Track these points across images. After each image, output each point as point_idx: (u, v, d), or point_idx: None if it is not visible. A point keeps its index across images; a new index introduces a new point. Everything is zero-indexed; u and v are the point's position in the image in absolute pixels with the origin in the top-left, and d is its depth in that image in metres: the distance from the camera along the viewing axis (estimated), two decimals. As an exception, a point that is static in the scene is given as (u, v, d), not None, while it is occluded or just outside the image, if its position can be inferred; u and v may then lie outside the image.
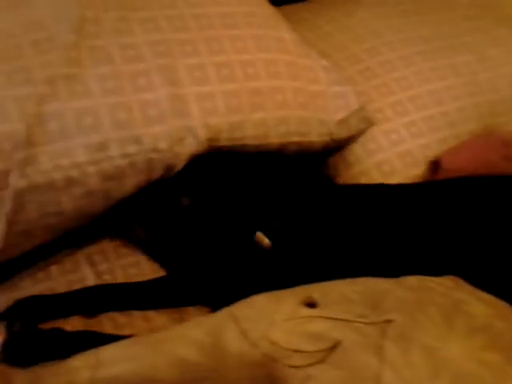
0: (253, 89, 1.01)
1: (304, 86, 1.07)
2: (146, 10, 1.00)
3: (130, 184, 0.91)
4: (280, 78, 1.04)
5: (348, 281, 0.70)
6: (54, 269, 0.94)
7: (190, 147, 0.94)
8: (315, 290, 0.66)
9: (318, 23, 1.33)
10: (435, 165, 1.14)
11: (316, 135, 1.07)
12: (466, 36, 1.29)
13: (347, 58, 1.24)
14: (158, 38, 0.97)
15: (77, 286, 0.91)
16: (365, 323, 0.62)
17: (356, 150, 1.14)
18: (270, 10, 1.13)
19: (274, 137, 1.02)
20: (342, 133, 1.10)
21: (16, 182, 0.83)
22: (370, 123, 1.14)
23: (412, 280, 0.71)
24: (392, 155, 1.14)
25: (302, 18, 1.35)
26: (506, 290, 0.79)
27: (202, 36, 1.01)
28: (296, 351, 0.58)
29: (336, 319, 0.62)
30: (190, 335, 0.60)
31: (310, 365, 0.56)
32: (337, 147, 1.13)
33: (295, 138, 1.04)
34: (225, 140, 0.98)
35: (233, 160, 1.01)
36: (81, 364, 0.62)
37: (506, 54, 1.28)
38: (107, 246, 0.99)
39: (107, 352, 0.63)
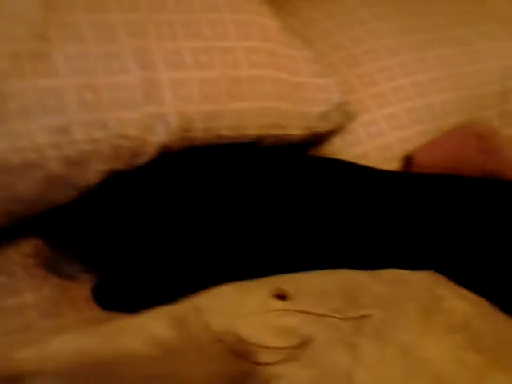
0: (231, 77, 0.96)
1: (285, 76, 1.02)
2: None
3: (94, 172, 0.86)
4: (261, 68, 1.00)
5: (322, 272, 0.67)
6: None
7: (160, 136, 0.89)
8: (287, 281, 0.63)
9: (302, 8, 1.29)
10: (409, 160, 1.11)
11: (295, 128, 1.02)
12: (454, 29, 1.26)
13: (331, 46, 1.20)
14: (133, 17, 0.92)
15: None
16: (339, 318, 0.58)
17: (334, 141, 1.10)
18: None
19: (252, 128, 0.97)
20: (321, 126, 1.06)
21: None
22: (351, 118, 1.10)
23: (389, 274, 0.68)
24: (370, 148, 1.11)
25: (285, 1, 1.30)
26: (478, 285, 0.78)
27: (180, 18, 0.96)
28: (264, 347, 0.54)
29: (309, 313, 0.58)
30: (149, 327, 0.56)
31: (278, 362, 0.52)
32: (316, 141, 1.08)
33: (274, 131, 1.00)
34: (199, 130, 0.92)
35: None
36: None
37: (493, 48, 1.25)
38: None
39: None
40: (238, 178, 0.91)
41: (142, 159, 0.89)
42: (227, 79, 0.95)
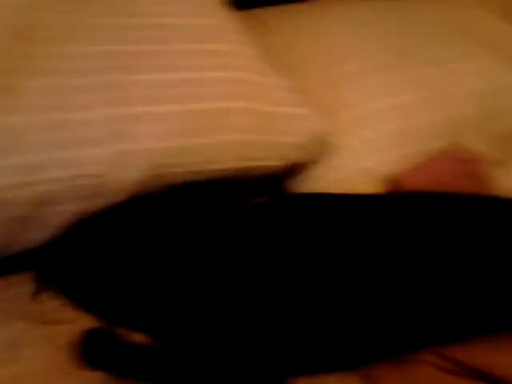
0: (206, 110, 0.93)
1: (260, 107, 0.99)
2: (95, 17, 0.93)
3: (61, 212, 0.84)
4: (236, 98, 0.97)
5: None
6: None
7: (133, 173, 0.86)
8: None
9: (284, 30, 1.28)
10: (392, 185, 1.09)
11: (272, 160, 0.99)
12: (432, 49, 1.25)
13: (310, 68, 1.19)
14: (104, 49, 0.91)
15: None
16: None
17: (316, 166, 1.08)
18: (230, 21, 1.06)
19: (227, 162, 0.94)
20: (300, 157, 1.03)
21: None
22: (330, 147, 1.07)
23: None
24: (351, 172, 1.09)
25: (266, 22, 1.30)
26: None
27: (153, 49, 0.94)
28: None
29: None
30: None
31: None
32: (295, 170, 1.06)
33: (249, 163, 0.97)
34: (171, 166, 0.90)
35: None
36: None
37: (473, 70, 1.23)
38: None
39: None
40: (215, 220, 0.89)
41: (116, 199, 0.86)
42: (201, 112, 0.93)
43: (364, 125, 1.12)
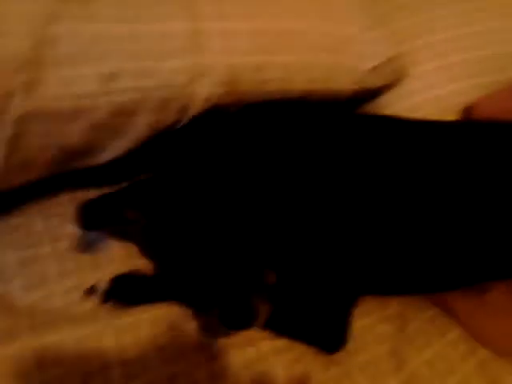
0: (279, 28, 0.91)
1: (335, 29, 0.96)
2: None
3: (140, 123, 0.84)
4: (309, 19, 0.94)
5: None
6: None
7: (207, 87, 0.85)
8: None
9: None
10: (467, 112, 1.05)
11: (344, 83, 0.97)
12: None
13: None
14: None
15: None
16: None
17: (386, 93, 1.06)
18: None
19: (300, 82, 0.93)
20: (373, 82, 1.00)
21: (19, 106, 0.77)
22: (403, 73, 1.04)
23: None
24: (423, 100, 1.06)
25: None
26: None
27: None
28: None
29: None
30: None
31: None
32: (366, 96, 1.04)
33: (321, 85, 0.95)
34: (246, 82, 0.88)
35: None
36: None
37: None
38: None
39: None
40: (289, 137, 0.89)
41: (189, 113, 0.86)
42: (274, 30, 0.91)
43: (436, 53, 1.08)
